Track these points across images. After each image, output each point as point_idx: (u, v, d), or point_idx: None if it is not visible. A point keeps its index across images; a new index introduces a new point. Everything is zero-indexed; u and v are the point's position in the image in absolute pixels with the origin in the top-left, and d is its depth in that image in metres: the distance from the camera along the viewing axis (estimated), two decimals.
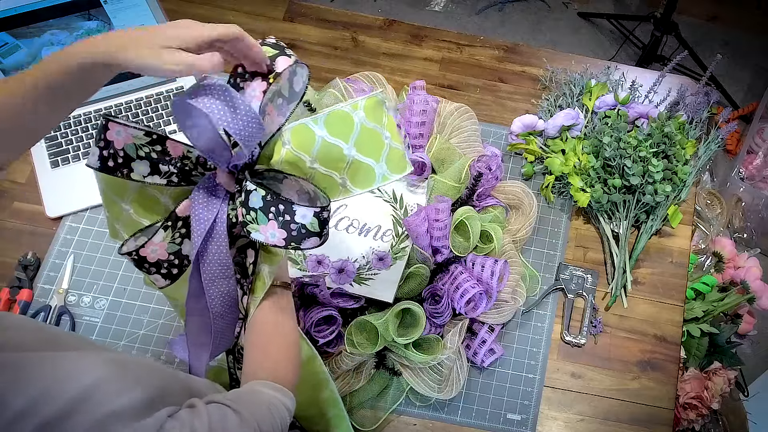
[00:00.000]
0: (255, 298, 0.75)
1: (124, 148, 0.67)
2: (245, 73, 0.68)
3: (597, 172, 1.17)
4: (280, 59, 0.68)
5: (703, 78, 1.26)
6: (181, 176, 0.70)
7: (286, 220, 0.64)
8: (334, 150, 0.70)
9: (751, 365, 1.58)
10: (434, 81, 1.33)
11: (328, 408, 0.91)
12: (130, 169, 0.68)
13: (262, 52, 0.67)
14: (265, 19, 1.37)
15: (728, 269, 1.37)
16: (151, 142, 0.68)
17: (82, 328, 1.07)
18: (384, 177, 0.73)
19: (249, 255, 0.76)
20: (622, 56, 2.48)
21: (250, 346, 0.75)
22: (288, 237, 0.65)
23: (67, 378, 0.50)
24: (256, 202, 0.65)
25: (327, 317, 1.03)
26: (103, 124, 0.67)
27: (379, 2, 2.58)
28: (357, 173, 0.72)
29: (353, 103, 0.70)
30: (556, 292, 1.15)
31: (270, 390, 0.68)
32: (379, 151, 0.72)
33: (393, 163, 0.73)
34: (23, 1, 1.05)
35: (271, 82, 0.67)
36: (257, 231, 0.66)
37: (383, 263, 1.06)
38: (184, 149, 0.70)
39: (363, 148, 0.71)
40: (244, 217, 0.67)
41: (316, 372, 0.88)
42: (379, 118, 0.72)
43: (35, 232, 1.14)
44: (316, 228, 0.65)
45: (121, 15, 1.13)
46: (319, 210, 0.64)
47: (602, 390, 1.09)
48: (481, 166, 1.12)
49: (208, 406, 0.59)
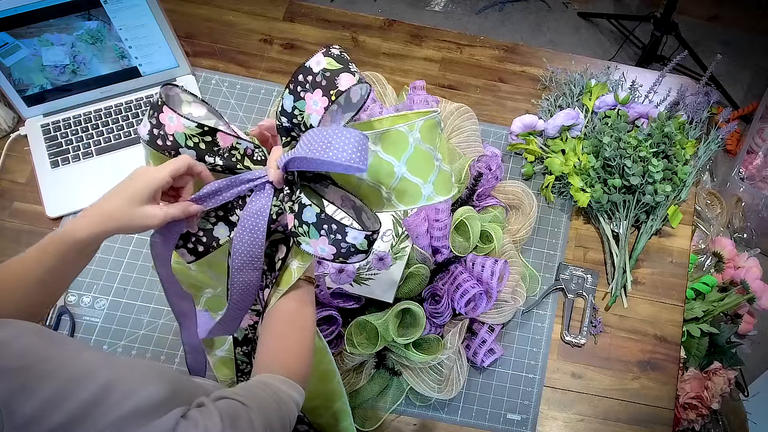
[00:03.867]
0: (279, 290, 0.76)
1: (174, 135, 0.69)
2: (306, 83, 0.68)
3: (597, 172, 1.17)
4: (344, 76, 0.67)
5: (703, 78, 1.26)
6: (224, 167, 0.72)
7: (337, 239, 0.67)
8: (385, 166, 0.70)
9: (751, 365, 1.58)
10: (434, 81, 1.33)
11: (334, 400, 0.91)
12: (177, 153, 0.70)
13: (210, 177, 0.71)
14: (265, 19, 1.37)
15: (728, 269, 1.37)
16: (202, 133, 0.70)
17: (82, 328, 1.07)
18: (429, 198, 0.73)
19: (280, 250, 0.77)
20: (622, 56, 2.48)
21: (267, 336, 0.76)
22: (337, 253, 0.68)
23: (77, 381, 0.50)
24: (310, 217, 0.67)
25: (327, 317, 1.03)
26: (158, 104, 0.68)
27: (379, 2, 2.58)
28: (404, 190, 0.72)
29: (410, 124, 0.70)
30: (556, 292, 1.15)
31: (280, 384, 0.68)
32: (429, 173, 0.72)
33: (440, 186, 0.73)
34: (23, 1, 1.05)
35: (333, 99, 0.67)
36: (308, 244, 0.69)
37: (383, 263, 1.06)
38: (233, 141, 0.71)
39: (414, 168, 0.71)
40: (296, 228, 0.69)
41: (324, 363, 0.88)
42: (434, 140, 0.72)
43: (35, 232, 1.14)
44: (364, 248, 0.68)
45: (121, 15, 1.13)
46: (370, 233, 0.68)
47: (602, 390, 1.09)
48: (481, 166, 1.12)
49: (217, 403, 0.59)
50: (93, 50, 1.17)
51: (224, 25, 1.36)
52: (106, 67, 1.20)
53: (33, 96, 1.18)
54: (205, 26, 1.35)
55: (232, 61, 1.32)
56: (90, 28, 1.13)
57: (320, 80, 0.67)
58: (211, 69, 1.31)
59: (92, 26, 1.13)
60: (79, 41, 1.14)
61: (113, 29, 1.15)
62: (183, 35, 1.30)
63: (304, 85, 0.68)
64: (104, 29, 1.14)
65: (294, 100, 0.68)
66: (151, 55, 1.21)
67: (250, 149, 0.72)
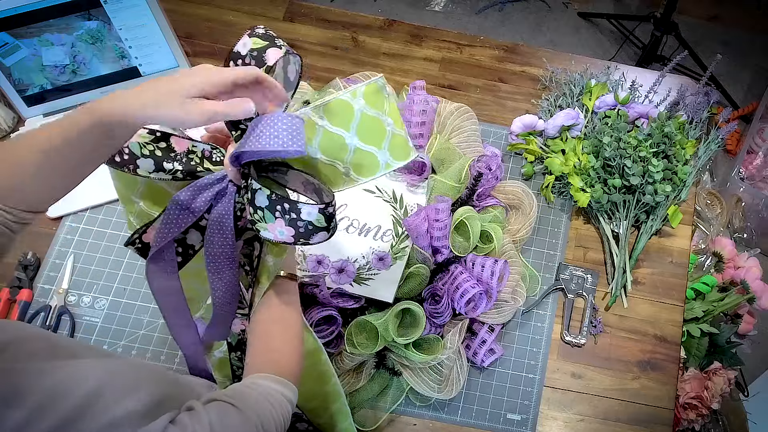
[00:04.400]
0: (261, 287, 0.76)
1: (129, 146, 0.68)
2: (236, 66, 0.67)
3: (597, 172, 1.17)
4: (271, 51, 0.67)
5: (703, 78, 1.26)
6: (185, 172, 0.71)
7: (292, 218, 0.65)
8: (336, 139, 0.69)
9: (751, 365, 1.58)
10: (434, 81, 1.33)
11: (332, 401, 0.91)
12: (136, 166, 0.69)
13: (283, 92, 0.67)
14: (265, 19, 1.37)
15: (728, 269, 1.36)
16: (155, 139, 0.69)
17: (82, 328, 1.07)
18: (387, 165, 0.72)
19: (255, 248, 0.76)
20: (622, 56, 2.48)
21: (253, 338, 0.75)
22: (296, 234, 0.66)
23: (66, 388, 0.50)
24: (262, 201, 0.66)
25: (327, 317, 1.02)
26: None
27: (379, 2, 2.58)
28: (360, 162, 0.71)
29: (352, 90, 0.69)
30: (556, 292, 1.15)
31: (271, 383, 0.68)
32: (382, 139, 0.71)
33: (396, 151, 0.72)
34: (23, 1, 1.05)
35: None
36: (266, 229, 0.67)
37: (383, 263, 1.06)
38: (189, 144, 0.71)
39: (365, 136, 0.70)
40: (252, 216, 0.68)
41: (320, 364, 0.88)
42: (381, 105, 0.71)
43: (35, 232, 1.14)
44: (322, 223, 0.66)
45: (121, 15, 1.13)
46: (323, 206, 0.65)
47: (602, 390, 1.09)
48: (481, 166, 1.12)
49: (208, 406, 0.59)
50: (93, 50, 1.17)
51: (224, 25, 1.36)
52: (106, 67, 1.20)
53: (33, 96, 1.18)
54: (205, 26, 1.35)
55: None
56: (90, 28, 1.13)
57: (249, 61, 0.66)
58: None
59: (92, 26, 1.13)
60: (79, 41, 1.14)
61: (113, 29, 1.15)
62: (183, 35, 1.30)
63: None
64: (104, 29, 1.14)
65: None
66: (151, 55, 1.21)
67: (207, 151, 0.72)
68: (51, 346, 0.55)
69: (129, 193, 0.78)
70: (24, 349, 0.52)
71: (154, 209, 0.78)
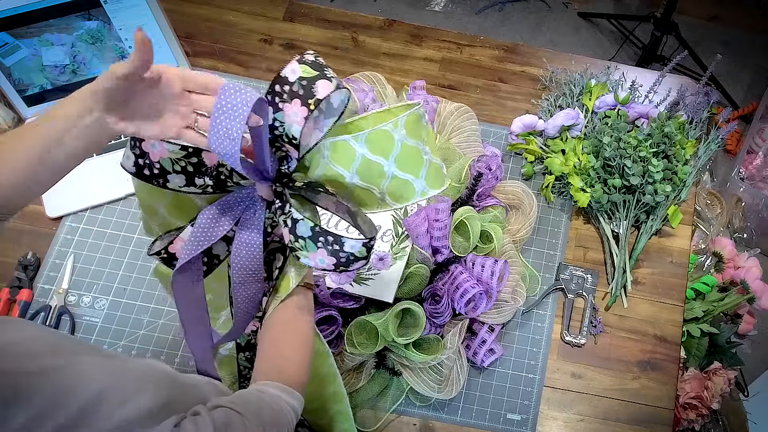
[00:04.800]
0: (278, 297, 0.76)
1: (159, 161, 0.68)
2: (283, 93, 0.66)
3: (597, 172, 1.17)
4: (321, 83, 0.65)
5: (703, 78, 1.26)
6: (216, 186, 0.71)
7: (335, 249, 0.67)
8: (374, 167, 0.69)
9: (751, 365, 1.58)
10: (434, 81, 1.33)
11: (333, 403, 0.91)
12: (166, 180, 0.69)
13: (209, 78, 0.66)
14: (265, 19, 1.37)
15: (728, 269, 1.36)
16: (187, 155, 0.69)
17: (82, 328, 1.07)
18: (423, 192, 0.72)
19: (278, 258, 0.76)
20: (622, 56, 2.48)
21: (264, 343, 0.76)
22: (337, 263, 0.68)
23: (70, 391, 0.50)
24: (305, 231, 0.67)
25: (327, 317, 1.03)
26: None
27: (379, 2, 2.58)
28: (396, 189, 0.71)
29: (394, 121, 0.69)
30: (556, 292, 1.15)
31: (277, 391, 0.68)
32: (419, 168, 0.71)
33: (432, 179, 0.73)
34: (23, 1, 1.05)
35: (312, 108, 0.65)
36: (306, 257, 0.69)
37: (383, 263, 1.06)
38: (219, 159, 0.70)
39: (403, 165, 0.70)
40: (292, 244, 0.69)
41: (325, 366, 0.88)
42: (419, 134, 0.71)
43: (35, 232, 1.14)
44: (363, 255, 0.68)
45: (121, 15, 1.13)
46: (367, 241, 0.67)
47: (602, 390, 1.09)
48: (481, 166, 1.12)
49: (213, 413, 0.58)
50: (93, 50, 1.17)
51: (224, 25, 1.36)
52: (106, 67, 1.19)
53: (33, 96, 1.18)
54: (205, 26, 1.35)
55: (232, 61, 1.32)
56: (90, 28, 1.13)
57: (297, 89, 0.65)
58: (211, 69, 1.31)
59: (92, 26, 1.13)
60: (79, 41, 1.14)
61: (113, 29, 1.15)
62: (183, 35, 1.30)
63: (281, 95, 0.66)
64: (104, 29, 1.14)
65: (273, 112, 0.66)
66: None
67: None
68: (53, 344, 0.55)
69: (154, 203, 0.77)
70: (25, 349, 0.52)
71: (179, 218, 0.78)
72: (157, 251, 0.75)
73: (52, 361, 0.52)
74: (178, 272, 0.72)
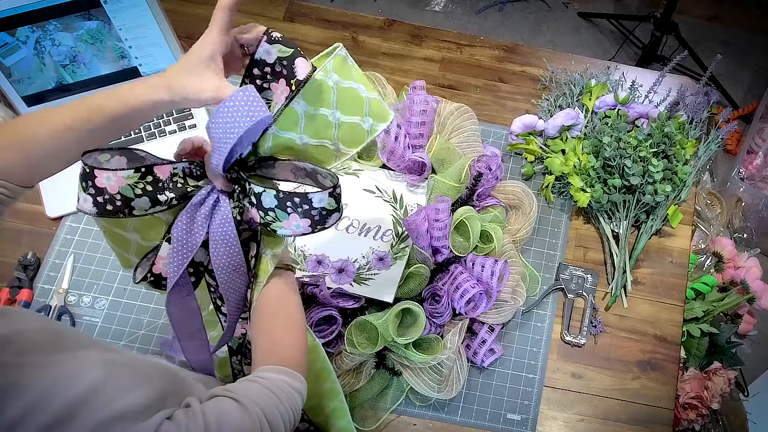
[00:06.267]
0: (259, 282, 0.76)
1: (120, 192, 0.66)
2: (265, 75, 0.67)
3: (597, 172, 1.17)
4: (299, 62, 0.67)
5: (703, 78, 1.26)
6: (179, 197, 0.70)
7: (305, 209, 0.67)
8: (320, 119, 0.69)
9: (751, 365, 1.58)
10: (434, 81, 1.33)
11: (329, 400, 0.90)
12: (131, 209, 0.68)
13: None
14: (265, 19, 1.37)
15: (728, 269, 1.37)
16: (142, 176, 0.67)
17: (82, 328, 1.07)
18: (373, 130, 0.73)
19: (252, 248, 0.76)
20: (622, 56, 2.48)
21: (255, 332, 0.75)
22: (312, 222, 0.68)
23: (66, 382, 0.50)
24: (270, 201, 0.67)
25: (327, 317, 1.03)
26: (88, 172, 0.65)
27: (379, 2, 2.58)
28: (347, 135, 0.72)
29: (323, 68, 0.69)
30: (556, 292, 1.15)
31: (276, 374, 0.66)
32: (361, 107, 0.72)
33: (376, 114, 0.73)
34: (23, 1, 1.05)
35: (293, 88, 0.66)
36: (281, 227, 0.69)
37: (383, 263, 1.06)
38: (170, 168, 0.70)
39: (346, 108, 0.71)
40: (263, 219, 0.69)
41: (318, 361, 0.88)
42: (351, 74, 0.72)
43: (35, 232, 1.14)
44: (333, 205, 0.68)
45: (121, 15, 1.13)
46: (332, 189, 0.67)
47: (602, 390, 1.09)
48: (481, 166, 1.12)
49: (206, 404, 0.58)
50: (93, 50, 1.17)
51: None
52: (106, 67, 1.20)
53: (33, 96, 1.18)
54: (205, 26, 1.34)
55: None
56: (90, 28, 1.13)
57: (280, 69, 0.67)
58: None
59: (92, 26, 1.13)
60: (79, 41, 1.14)
61: (113, 29, 1.15)
62: (183, 35, 1.30)
63: (263, 77, 0.67)
64: (104, 29, 1.14)
65: (259, 92, 0.66)
66: (152, 55, 1.21)
67: (187, 169, 0.71)
68: (54, 337, 0.55)
69: (124, 232, 0.77)
70: (27, 342, 0.52)
71: (152, 239, 0.77)
72: (143, 277, 0.75)
73: (52, 354, 0.52)
74: (171, 291, 0.71)
